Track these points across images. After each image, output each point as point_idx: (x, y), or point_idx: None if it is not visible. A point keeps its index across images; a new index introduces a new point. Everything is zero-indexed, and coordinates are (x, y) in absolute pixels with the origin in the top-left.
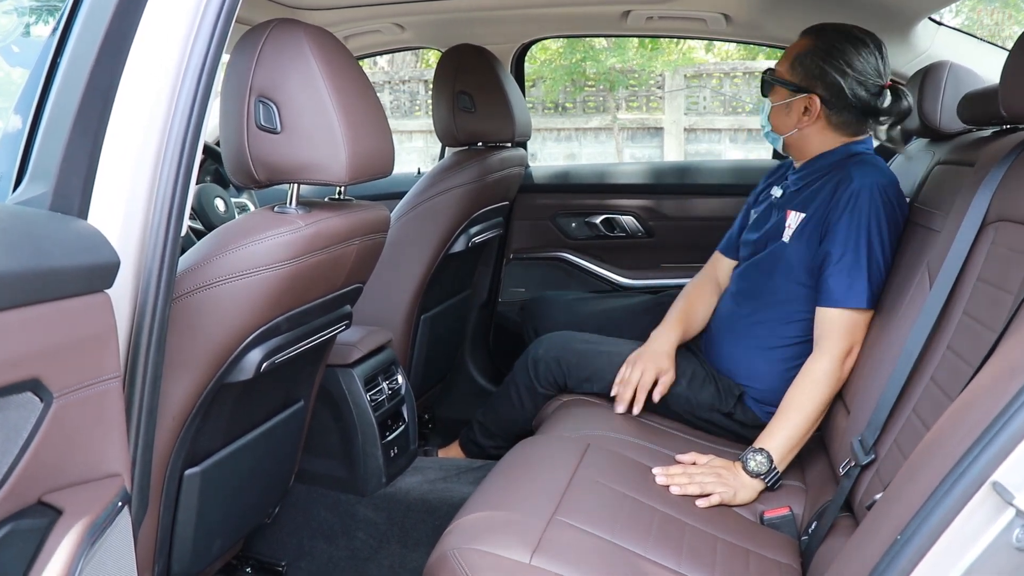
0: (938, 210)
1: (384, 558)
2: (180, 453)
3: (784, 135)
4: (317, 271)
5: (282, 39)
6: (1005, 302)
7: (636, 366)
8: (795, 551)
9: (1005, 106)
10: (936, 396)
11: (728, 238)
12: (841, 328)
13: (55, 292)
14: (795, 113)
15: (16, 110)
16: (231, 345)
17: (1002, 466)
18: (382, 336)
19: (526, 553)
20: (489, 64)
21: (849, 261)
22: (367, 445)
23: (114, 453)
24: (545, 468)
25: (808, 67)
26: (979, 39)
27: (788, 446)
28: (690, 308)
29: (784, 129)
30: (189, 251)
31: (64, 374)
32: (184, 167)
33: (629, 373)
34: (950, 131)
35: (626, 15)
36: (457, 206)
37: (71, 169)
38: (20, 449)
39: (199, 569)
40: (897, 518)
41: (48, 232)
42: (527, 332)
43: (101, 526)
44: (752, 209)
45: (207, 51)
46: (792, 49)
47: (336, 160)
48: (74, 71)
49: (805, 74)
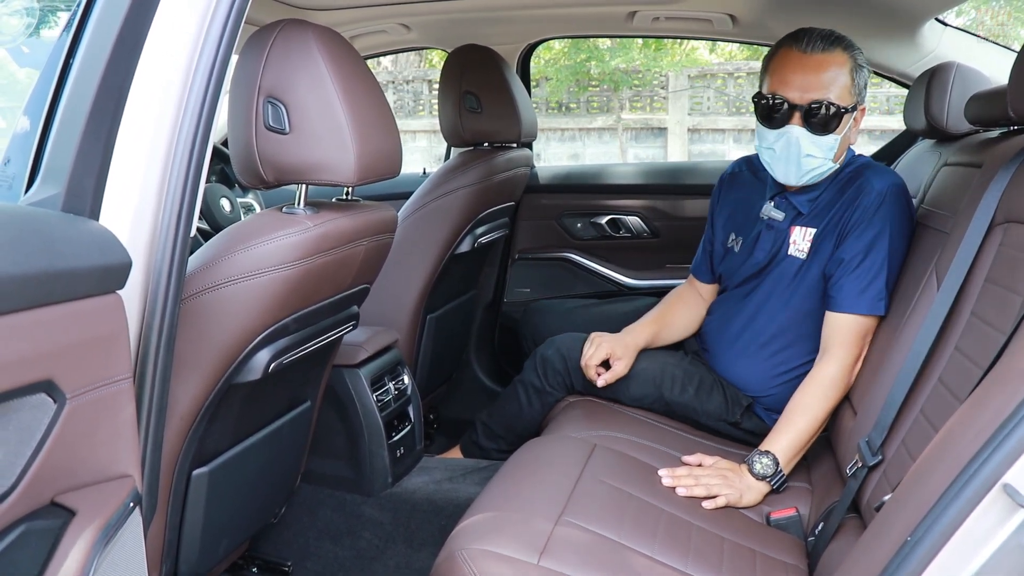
0: (945, 211)
1: (390, 558)
2: (188, 453)
3: (840, 159)
4: (325, 272)
5: (291, 40)
6: (1014, 303)
7: (593, 342)
8: (802, 552)
9: (1013, 107)
10: (944, 397)
11: (698, 262)
12: (853, 334)
13: (68, 293)
14: (852, 131)
15: (27, 111)
16: (239, 346)
17: (1013, 468)
18: (388, 336)
19: (534, 554)
20: (495, 64)
21: (866, 266)
22: (373, 445)
23: (125, 454)
24: (552, 469)
25: (863, 78)
26: (986, 40)
27: (794, 449)
28: (668, 313)
29: (842, 153)
30: (197, 252)
31: (77, 375)
32: (194, 168)
33: (586, 348)
34: (957, 132)
35: (632, 16)
36: (463, 206)
37: (83, 170)
38: (33, 450)
39: (206, 569)
40: (907, 520)
41: (61, 233)
42: (525, 341)
43: (114, 527)
44: (731, 234)
45: (217, 52)
46: (839, 68)
47: (344, 161)
48: (86, 73)
49: (863, 86)
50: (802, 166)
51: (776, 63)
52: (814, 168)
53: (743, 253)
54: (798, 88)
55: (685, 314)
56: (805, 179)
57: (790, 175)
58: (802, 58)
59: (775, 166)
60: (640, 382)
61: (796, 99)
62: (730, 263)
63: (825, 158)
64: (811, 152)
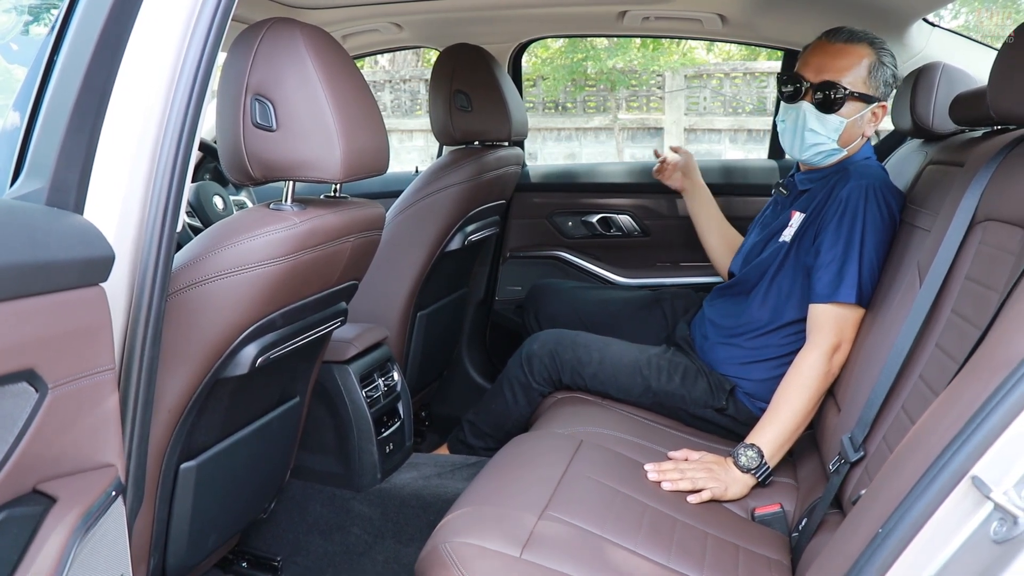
0: (929, 210)
1: (379, 553)
2: (176, 447)
3: (849, 146)
4: (312, 267)
5: (278, 38)
6: (991, 300)
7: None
8: (785, 547)
9: (993, 107)
10: (924, 393)
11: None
12: (829, 323)
13: (51, 284)
14: (865, 122)
15: (14, 107)
16: (226, 340)
17: (980, 461)
18: (378, 333)
19: (516, 547)
20: (486, 63)
21: (839, 258)
22: (362, 441)
23: (108, 444)
24: (538, 464)
25: (884, 75)
26: (973, 40)
27: (779, 441)
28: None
29: (850, 140)
30: (185, 247)
31: (59, 365)
32: (180, 164)
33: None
34: (942, 132)
35: (623, 15)
36: (453, 204)
37: (67, 165)
38: (15, 438)
39: (194, 563)
40: (879, 511)
41: (44, 226)
42: (528, 319)
43: (95, 514)
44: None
45: (203, 49)
46: (857, 59)
47: (331, 158)
48: (71, 68)
49: (883, 82)
50: (805, 140)
51: (806, 51)
52: (816, 144)
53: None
54: (814, 69)
55: (723, 245)
56: (808, 153)
57: (795, 147)
58: (826, 45)
59: (784, 138)
60: (628, 373)
61: (811, 78)
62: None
63: (828, 137)
64: (814, 127)
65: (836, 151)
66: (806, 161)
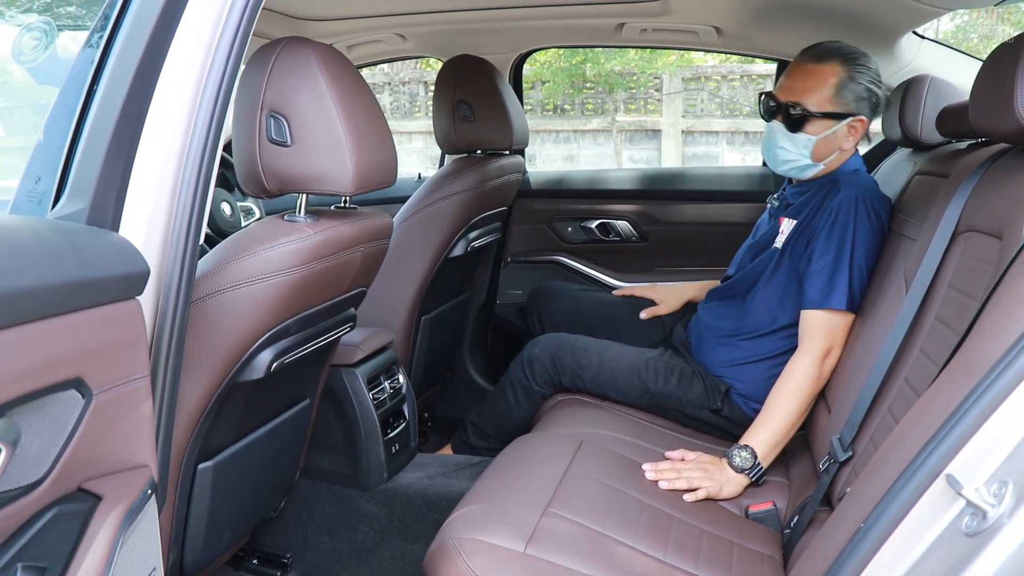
0: (915, 219)
1: (385, 550)
2: (195, 448)
3: (826, 160)
4: (324, 276)
5: (292, 57)
6: (971, 308)
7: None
8: (778, 543)
9: (974, 122)
10: (908, 396)
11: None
12: (820, 329)
13: (95, 299)
14: (840, 137)
15: (49, 129)
16: (244, 346)
17: (954, 460)
18: (384, 337)
19: (521, 543)
20: (488, 74)
21: (831, 265)
22: (369, 442)
23: (143, 445)
24: (540, 463)
25: (856, 91)
26: (961, 52)
27: (771, 442)
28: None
29: (826, 155)
30: (204, 257)
31: (102, 373)
32: (203, 181)
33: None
34: (930, 143)
35: (620, 27)
36: (457, 212)
37: (106, 186)
38: (65, 441)
39: (209, 559)
40: (862, 507)
41: (88, 245)
42: (531, 320)
43: (135, 511)
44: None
45: (222, 77)
46: (823, 78)
47: (343, 172)
48: (109, 99)
49: (854, 98)
50: (777, 155)
51: (785, 69)
52: (788, 160)
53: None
54: (784, 90)
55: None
56: (782, 168)
57: (771, 162)
58: (796, 66)
59: (763, 152)
60: (626, 375)
61: (781, 98)
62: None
63: (800, 154)
64: (783, 145)
65: (812, 166)
66: (784, 174)
